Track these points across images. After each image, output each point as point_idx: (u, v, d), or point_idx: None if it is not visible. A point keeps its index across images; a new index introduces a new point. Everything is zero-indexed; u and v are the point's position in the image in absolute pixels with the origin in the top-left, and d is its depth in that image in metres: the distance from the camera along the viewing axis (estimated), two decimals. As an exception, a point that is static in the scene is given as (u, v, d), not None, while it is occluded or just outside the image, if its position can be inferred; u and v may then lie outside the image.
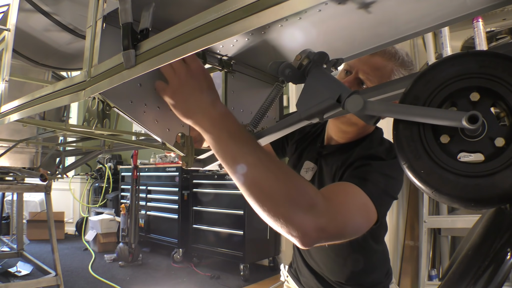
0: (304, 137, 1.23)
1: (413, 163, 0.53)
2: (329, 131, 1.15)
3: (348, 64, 1.03)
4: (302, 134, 1.24)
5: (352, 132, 1.07)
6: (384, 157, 0.96)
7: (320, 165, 1.12)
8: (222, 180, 3.58)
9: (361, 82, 1.00)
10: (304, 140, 1.23)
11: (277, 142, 1.25)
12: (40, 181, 2.65)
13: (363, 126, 1.05)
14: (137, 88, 0.72)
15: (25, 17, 1.41)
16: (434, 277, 2.32)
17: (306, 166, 1.15)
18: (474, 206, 0.49)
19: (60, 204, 5.34)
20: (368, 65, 0.99)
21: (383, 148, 1.02)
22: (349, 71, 1.03)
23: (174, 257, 3.82)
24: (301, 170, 1.16)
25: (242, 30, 0.48)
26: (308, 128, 1.23)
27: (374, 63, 0.99)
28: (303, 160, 1.17)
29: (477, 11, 0.61)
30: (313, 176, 1.12)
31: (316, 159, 1.13)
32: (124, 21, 0.61)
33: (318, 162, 1.12)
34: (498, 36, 2.20)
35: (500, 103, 0.49)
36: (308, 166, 1.14)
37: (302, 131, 1.23)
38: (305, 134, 1.24)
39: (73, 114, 5.82)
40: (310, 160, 1.15)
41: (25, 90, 2.21)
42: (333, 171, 1.06)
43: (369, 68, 0.99)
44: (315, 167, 1.13)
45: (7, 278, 3.03)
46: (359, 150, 1.02)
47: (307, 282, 1.24)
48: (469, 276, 0.54)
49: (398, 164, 0.95)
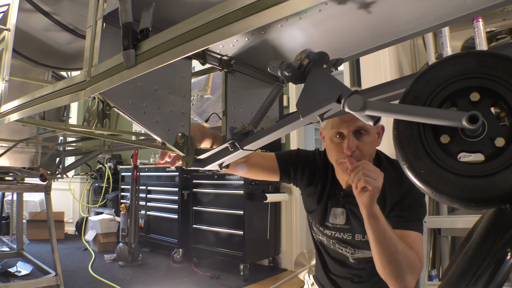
0: (316, 175, 1.27)
1: (413, 163, 0.53)
2: (342, 179, 1.21)
3: (335, 129, 1.10)
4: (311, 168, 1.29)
5: None
6: (399, 177, 1.10)
7: (349, 208, 1.20)
8: (222, 180, 3.58)
9: (359, 132, 1.09)
10: (318, 179, 1.27)
11: (286, 168, 1.30)
12: (40, 181, 2.64)
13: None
14: (137, 88, 0.72)
15: (25, 17, 1.41)
16: (434, 277, 2.31)
17: (334, 213, 1.23)
18: (474, 206, 0.49)
19: (60, 204, 5.33)
20: (355, 120, 1.05)
21: (397, 165, 1.12)
22: (340, 133, 1.10)
23: (174, 257, 3.81)
24: (331, 217, 1.23)
25: (242, 30, 0.48)
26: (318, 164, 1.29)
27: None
28: (329, 206, 1.25)
29: (477, 11, 0.61)
30: (346, 219, 1.21)
31: (343, 204, 1.21)
32: (124, 21, 0.61)
33: (345, 206, 1.21)
34: (498, 36, 2.20)
35: (500, 103, 0.49)
36: (336, 212, 1.23)
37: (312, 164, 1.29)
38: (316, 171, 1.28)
39: (73, 114, 5.82)
40: (336, 206, 1.23)
41: (25, 90, 2.21)
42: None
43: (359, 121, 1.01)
44: (344, 211, 1.21)
45: (7, 278, 3.03)
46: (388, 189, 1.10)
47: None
48: (469, 276, 0.54)
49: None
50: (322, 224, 1.26)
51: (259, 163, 1.26)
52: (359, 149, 1.08)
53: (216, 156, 0.85)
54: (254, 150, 0.80)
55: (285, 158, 1.30)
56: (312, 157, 1.31)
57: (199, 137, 0.96)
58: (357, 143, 1.08)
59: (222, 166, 0.92)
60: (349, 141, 1.07)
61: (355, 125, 1.07)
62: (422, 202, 1.12)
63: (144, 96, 0.74)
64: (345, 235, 1.21)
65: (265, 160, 1.29)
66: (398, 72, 2.58)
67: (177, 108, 0.80)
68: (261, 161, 1.26)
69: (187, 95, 0.83)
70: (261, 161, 1.27)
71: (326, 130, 1.15)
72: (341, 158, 1.11)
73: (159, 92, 0.77)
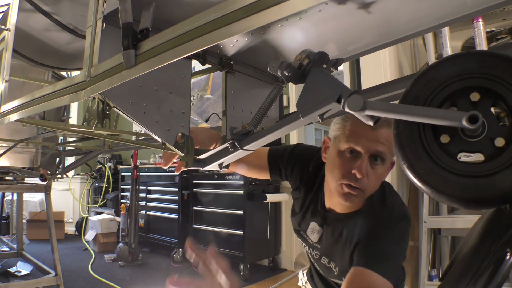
0: (304, 178, 1.16)
1: (413, 163, 0.53)
2: (329, 199, 1.08)
3: (351, 144, 0.93)
4: (303, 169, 1.17)
5: (355, 205, 1.01)
6: (388, 223, 0.96)
7: (325, 230, 1.10)
8: (222, 180, 3.58)
9: (375, 158, 0.93)
10: (308, 185, 1.16)
11: (275, 164, 1.22)
12: (40, 181, 2.64)
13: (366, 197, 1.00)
14: (137, 88, 0.72)
15: (25, 17, 1.41)
16: (434, 277, 2.31)
17: (312, 227, 1.14)
18: (474, 206, 0.49)
19: (60, 204, 5.33)
20: (378, 142, 0.91)
21: (387, 212, 0.99)
22: (354, 151, 0.94)
23: (174, 257, 3.81)
24: (308, 229, 1.15)
25: (242, 30, 0.48)
26: (311, 167, 1.16)
27: (385, 137, 0.92)
28: (309, 219, 1.15)
29: (477, 11, 0.61)
30: (319, 238, 1.12)
31: (321, 224, 1.11)
32: (124, 21, 0.61)
33: (323, 226, 1.11)
34: (498, 36, 2.20)
35: (500, 103, 0.49)
36: (314, 227, 1.14)
37: (304, 166, 1.17)
38: (304, 173, 1.17)
39: (73, 114, 5.81)
40: (316, 222, 1.13)
41: (25, 90, 2.21)
42: (336, 239, 1.06)
43: (381, 145, 0.92)
44: (320, 230, 1.12)
45: (7, 278, 3.03)
46: (363, 224, 0.98)
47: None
48: (468, 276, 0.54)
49: (403, 223, 0.99)
50: (298, 232, 1.21)
51: (251, 161, 1.20)
52: (369, 178, 0.93)
53: (216, 156, 0.85)
54: (254, 150, 0.81)
55: (276, 156, 1.21)
56: (309, 155, 1.17)
57: (200, 138, 0.96)
58: (370, 170, 0.93)
59: (222, 166, 0.92)
60: (363, 163, 0.91)
61: (376, 148, 0.91)
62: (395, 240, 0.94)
63: (144, 96, 0.74)
64: (313, 252, 1.17)
65: (257, 158, 1.22)
66: (398, 72, 2.58)
67: (177, 108, 0.80)
68: (252, 158, 1.19)
69: (187, 95, 0.83)
70: (252, 159, 1.20)
71: (336, 141, 0.99)
72: (345, 180, 0.94)
73: (159, 92, 0.77)
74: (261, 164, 1.22)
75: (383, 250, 0.92)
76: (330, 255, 1.10)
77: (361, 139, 0.92)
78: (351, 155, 0.94)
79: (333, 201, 1.06)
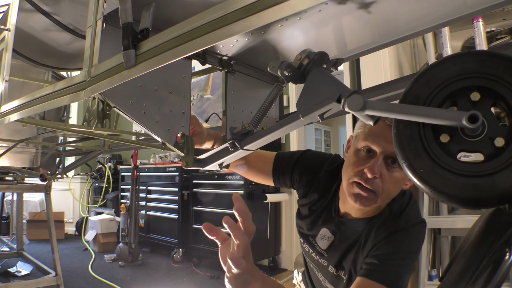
0: (318, 185, 1.12)
1: (412, 162, 0.53)
2: (343, 203, 1.05)
3: (368, 142, 0.91)
4: (313, 176, 1.13)
5: (371, 210, 0.99)
6: (403, 236, 0.93)
7: (337, 238, 1.06)
8: (222, 180, 3.58)
9: (393, 161, 0.89)
10: (319, 191, 1.12)
11: (280, 172, 1.18)
12: (40, 181, 2.65)
13: (384, 203, 0.98)
14: (137, 88, 0.72)
15: (25, 17, 1.41)
16: (434, 277, 2.31)
17: (323, 233, 1.09)
18: (473, 206, 0.49)
19: (60, 204, 5.33)
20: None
21: (403, 224, 0.95)
22: (371, 150, 0.91)
23: (174, 257, 3.81)
24: (318, 235, 1.11)
25: (242, 30, 0.48)
26: (322, 173, 1.13)
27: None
28: (320, 225, 1.11)
29: (477, 11, 0.61)
30: (329, 246, 1.07)
31: (333, 230, 1.07)
32: (124, 21, 0.61)
33: (335, 233, 1.07)
34: (498, 36, 2.20)
35: (501, 103, 0.50)
36: (324, 234, 1.09)
37: (314, 173, 1.13)
38: (314, 180, 1.13)
39: (73, 114, 5.81)
40: (328, 229, 1.08)
41: (25, 90, 2.21)
42: (349, 246, 1.02)
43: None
44: (331, 237, 1.07)
45: (7, 278, 3.03)
46: (377, 233, 0.95)
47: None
48: (468, 275, 0.54)
49: (418, 238, 0.97)
50: (306, 237, 1.16)
51: (256, 166, 1.18)
52: (383, 180, 0.88)
53: (216, 156, 0.85)
54: (254, 150, 0.80)
55: (282, 163, 1.17)
56: (319, 162, 1.14)
57: (199, 138, 0.96)
58: (385, 172, 0.89)
59: (222, 166, 0.92)
60: (376, 162, 0.88)
61: (393, 150, 0.87)
62: (410, 255, 0.92)
63: (144, 96, 0.74)
64: (320, 259, 1.11)
65: (263, 163, 1.19)
66: (398, 72, 2.58)
67: (177, 108, 0.80)
68: (258, 163, 1.18)
69: (187, 95, 0.83)
70: (258, 164, 1.18)
71: (356, 140, 0.96)
72: (356, 178, 0.91)
73: (159, 92, 0.77)
74: (266, 169, 1.19)
75: (394, 264, 0.88)
76: (339, 264, 1.06)
77: (378, 139, 0.89)
78: (367, 154, 0.91)
79: (347, 205, 1.03)
